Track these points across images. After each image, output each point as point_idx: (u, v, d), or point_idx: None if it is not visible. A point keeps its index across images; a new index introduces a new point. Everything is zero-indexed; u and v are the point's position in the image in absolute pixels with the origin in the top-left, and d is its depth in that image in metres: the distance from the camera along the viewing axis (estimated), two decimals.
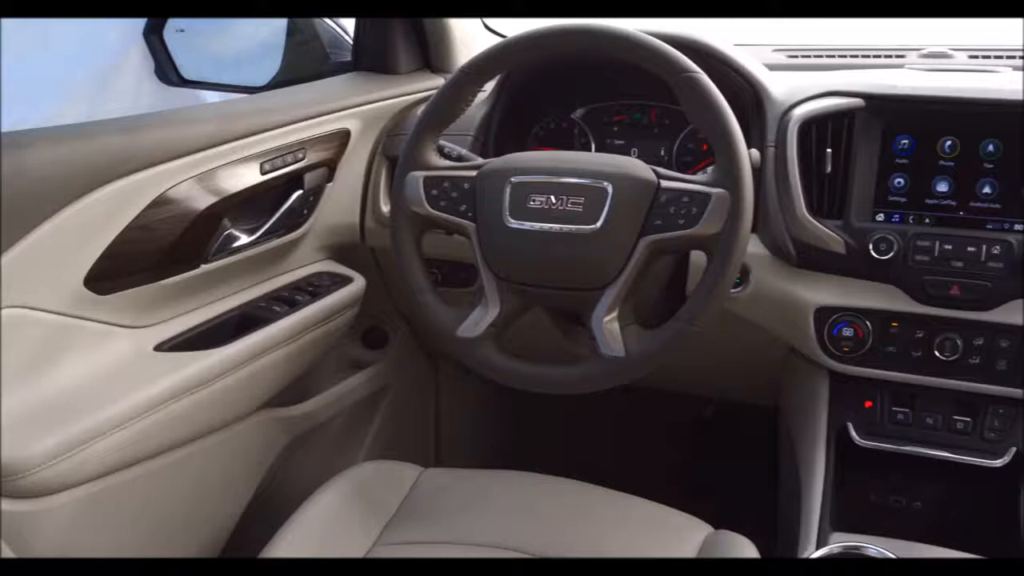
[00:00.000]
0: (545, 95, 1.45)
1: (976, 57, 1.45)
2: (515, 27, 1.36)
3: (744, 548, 1.07)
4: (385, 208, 1.42)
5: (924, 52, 1.46)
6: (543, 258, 1.07)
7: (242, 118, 1.27)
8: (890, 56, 1.52)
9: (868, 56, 1.55)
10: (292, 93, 1.45)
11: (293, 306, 1.33)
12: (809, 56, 1.58)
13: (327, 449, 1.57)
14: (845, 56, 1.56)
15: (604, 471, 1.31)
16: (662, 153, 1.42)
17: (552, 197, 1.07)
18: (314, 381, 1.49)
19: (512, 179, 1.09)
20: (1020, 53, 1.48)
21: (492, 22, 1.68)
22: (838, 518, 1.20)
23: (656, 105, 1.41)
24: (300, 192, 1.33)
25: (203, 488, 1.27)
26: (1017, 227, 1.14)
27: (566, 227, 1.06)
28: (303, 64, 1.60)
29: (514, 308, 1.11)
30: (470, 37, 1.60)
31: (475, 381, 1.76)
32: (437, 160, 1.16)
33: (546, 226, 1.07)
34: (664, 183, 1.05)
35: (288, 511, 1.13)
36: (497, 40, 1.16)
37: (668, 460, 1.91)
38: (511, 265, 1.10)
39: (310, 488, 1.18)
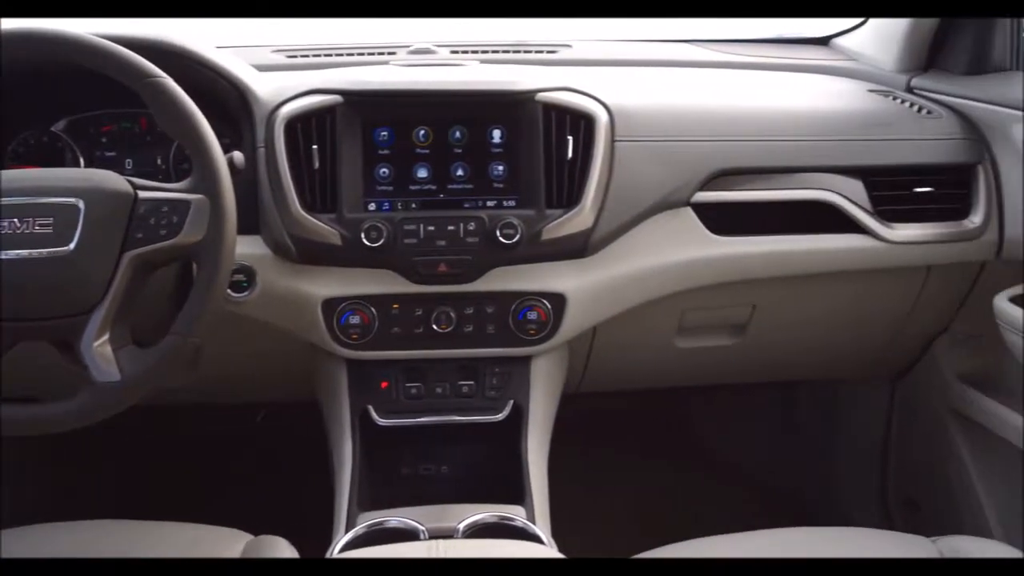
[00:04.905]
0: (16, 108, 1.31)
1: (456, 52, 1.59)
2: None
3: (282, 550, 1.07)
4: None
5: (412, 49, 1.56)
6: (14, 290, 0.98)
7: None
8: (383, 53, 1.60)
9: (363, 54, 1.62)
10: None
11: None
12: (308, 56, 1.61)
13: None
14: (342, 55, 1.62)
15: (163, 499, 1.23)
16: (159, 162, 1.36)
17: (16, 221, 0.99)
18: None
19: None
20: (491, 48, 1.65)
21: None
22: (371, 498, 1.25)
23: (145, 112, 1.34)
24: None
25: None
26: (489, 203, 1.26)
27: (36, 252, 0.98)
28: None
29: None
30: None
31: None
32: None
33: (13, 253, 0.98)
34: (142, 194, 1.01)
35: None
36: None
37: (221, 473, 1.86)
38: None
39: None
